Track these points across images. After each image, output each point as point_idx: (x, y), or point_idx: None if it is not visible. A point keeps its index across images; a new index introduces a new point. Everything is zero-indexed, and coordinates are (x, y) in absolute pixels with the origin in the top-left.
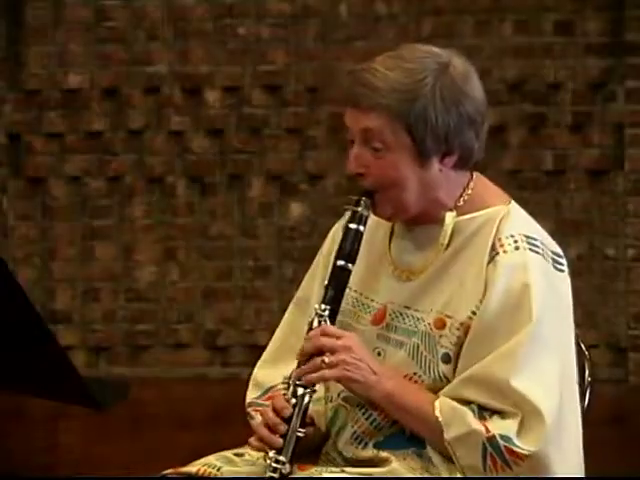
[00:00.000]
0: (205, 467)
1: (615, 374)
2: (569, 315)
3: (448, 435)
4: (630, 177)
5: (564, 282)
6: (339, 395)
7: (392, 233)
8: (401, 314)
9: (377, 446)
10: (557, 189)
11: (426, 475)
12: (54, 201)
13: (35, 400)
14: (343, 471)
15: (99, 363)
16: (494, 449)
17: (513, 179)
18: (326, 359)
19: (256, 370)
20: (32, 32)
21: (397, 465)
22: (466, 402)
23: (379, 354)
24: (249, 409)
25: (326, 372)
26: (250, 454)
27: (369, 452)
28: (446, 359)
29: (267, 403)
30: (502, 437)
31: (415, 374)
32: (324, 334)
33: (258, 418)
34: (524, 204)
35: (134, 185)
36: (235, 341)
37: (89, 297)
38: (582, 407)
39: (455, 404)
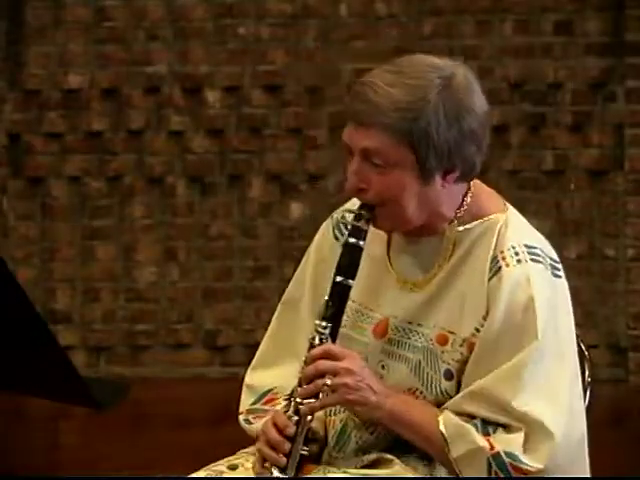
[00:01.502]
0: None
1: (615, 374)
2: (570, 322)
3: (455, 453)
4: (630, 177)
5: (563, 288)
6: (344, 410)
7: (389, 242)
8: (404, 329)
9: (382, 451)
10: (557, 189)
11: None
12: (54, 201)
13: (35, 400)
14: (345, 472)
15: (99, 363)
16: (499, 466)
17: (513, 179)
18: (328, 382)
19: (247, 377)
20: (32, 32)
21: (400, 468)
22: (469, 416)
23: (383, 367)
24: (249, 416)
25: (327, 399)
26: (244, 466)
27: (373, 456)
28: (448, 376)
29: (267, 407)
30: (507, 454)
31: (417, 390)
32: (326, 356)
33: (258, 425)
34: (524, 204)
35: (134, 185)
36: (235, 341)
37: (89, 297)
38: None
39: (459, 420)
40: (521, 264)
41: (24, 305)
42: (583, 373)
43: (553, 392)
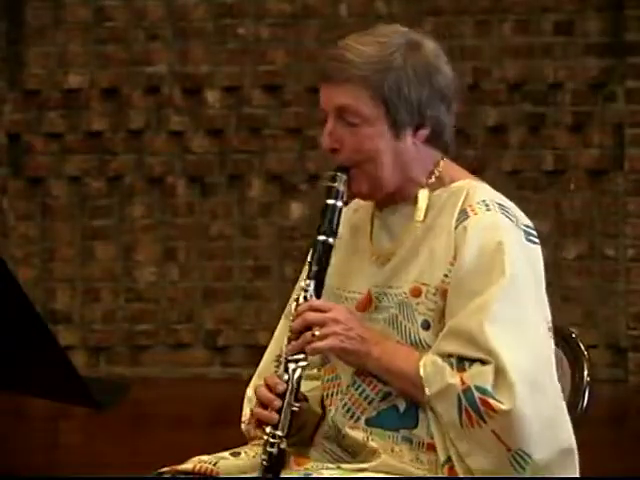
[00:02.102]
0: (201, 464)
1: (615, 374)
2: (541, 284)
3: (429, 391)
4: (630, 177)
5: (537, 252)
6: (332, 377)
7: (372, 232)
8: (385, 294)
9: (369, 423)
10: (557, 189)
11: (416, 463)
12: (54, 201)
13: (35, 400)
14: (340, 467)
15: (99, 363)
16: (469, 402)
17: (513, 179)
18: (317, 332)
19: (249, 389)
20: (32, 32)
21: (387, 458)
22: (448, 355)
23: None
24: (249, 424)
25: (318, 344)
26: (246, 452)
27: (360, 432)
28: (425, 325)
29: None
30: (477, 388)
31: (397, 343)
32: (312, 309)
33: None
34: (524, 204)
35: (134, 185)
36: (235, 341)
37: (89, 297)
38: (581, 407)
39: (437, 359)
40: (490, 212)
41: (24, 305)
42: (582, 373)
43: (520, 330)
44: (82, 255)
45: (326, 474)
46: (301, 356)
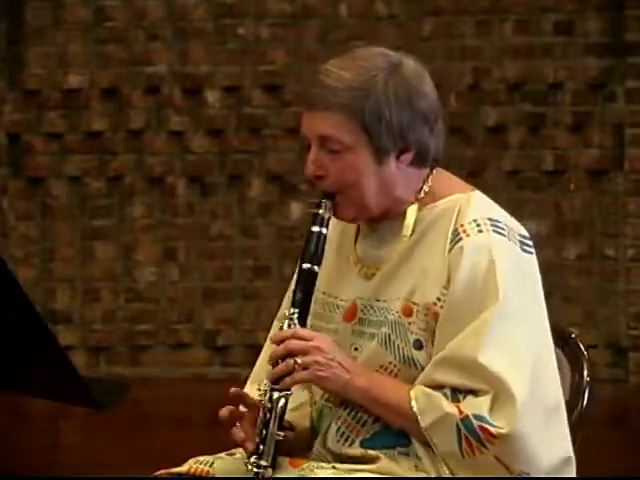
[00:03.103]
0: (196, 465)
1: (615, 374)
2: (538, 293)
3: (424, 422)
4: (630, 177)
5: (531, 262)
6: (322, 397)
7: (357, 234)
8: (371, 307)
9: (364, 444)
10: (557, 189)
11: (415, 470)
12: (54, 201)
13: (35, 400)
14: (334, 467)
15: (99, 363)
16: (468, 430)
17: (513, 179)
18: (299, 360)
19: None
20: (32, 32)
21: (386, 462)
22: (440, 386)
23: (356, 349)
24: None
25: (299, 374)
26: (242, 453)
27: (357, 450)
28: (418, 345)
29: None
30: (475, 417)
31: (390, 363)
32: (295, 337)
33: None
34: (524, 204)
35: (134, 185)
36: (235, 341)
37: (89, 297)
38: (581, 407)
39: (429, 391)
40: (482, 234)
41: (24, 305)
42: (582, 373)
43: (516, 354)
44: (82, 255)
45: (320, 474)
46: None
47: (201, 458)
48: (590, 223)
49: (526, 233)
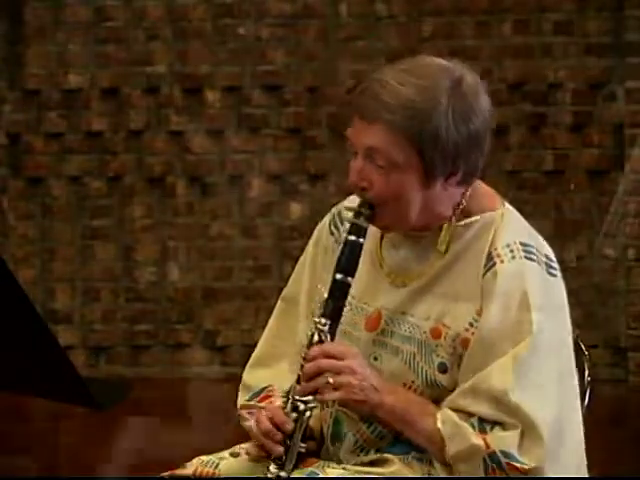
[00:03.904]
0: (202, 467)
1: (615, 374)
2: (566, 319)
3: (450, 451)
4: (630, 177)
5: (559, 286)
6: (335, 402)
7: (382, 238)
8: (397, 319)
9: (379, 452)
10: (557, 189)
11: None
12: (54, 201)
13: (35, 400)
14: (345, 468)
15: (99, 363)
16: (495, 464)
17: (513, 179)
18: (330, 380)
19: (245, 374)
20: (32, 32)
21: (400, 466)
22: (467, 414)
23: (375, 359)
24: (242, 411)
25: (331, 395)
26: (249, 453)
27: (372, 456)
28: (443, 368)
29: (262, 405)
30: (503, 453)
31: (413, 382)
32: (326, 355)
33: (252, 422)
34: (524, 204)
35: (134, 185)
36: (234, 341)
37: (89, 297)
38: (582, 407)
39: (456, 419)
40: (515, 260)
41: (24, 305)
42: (583, 373)
43: (546, 390)
44: (82, 255)
45: (331, 473)
46: (310, 397)
47: (205, 458)
48: (590, 223)
49: (551, 253)
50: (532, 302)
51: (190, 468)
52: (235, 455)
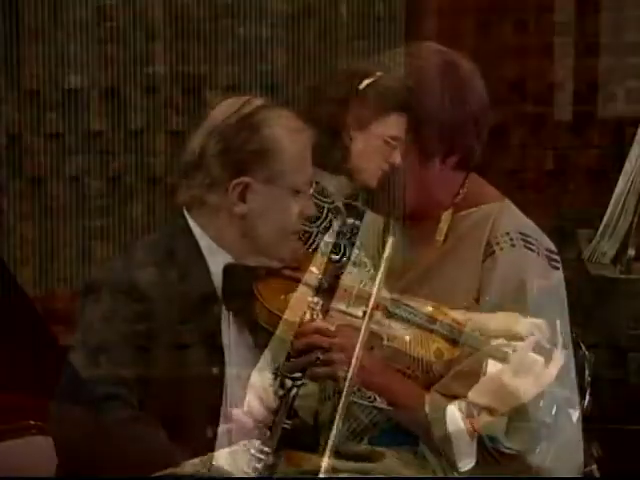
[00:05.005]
0: (196, 466)
1: (615, 374)
2: (564, 310)
3: (437, 433)
4: (630, 176)
5: (558, 279)
6: (334, 393)
7: (385, 227)
8: (395, 305)
9: (372, 441)
10: (557, 189)
11: (421, 471)
12: (54, 201)
13: (35, 400)
14: (336, 469)
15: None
16: (483, 448)
17: (513, 179)
18: (320, 356)
19: (252, 377)
20: (31, 32)
21: (391, 461)
22: (456, 397)
23: (372, 344)
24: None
25: (320, 370)
26: (244, 450)
27: (363, 447)
28: (438, 354)
29: None
30: (490, 438)
31: (408, 368)
32: (317, 331)
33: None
34: (524, 204)
35: (134, 185)
36: None
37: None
38: (582, 407)
39: (444, 401)
40: (515, 249)
41: (24, 305)
42: (583, 373)
43: (538, 377)
44: (82, 255)
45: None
46: (299, 374)
47: (200, 459)
48: (590, 223)
49: (552, 247)
50: (529, 290)
51: (186, 466)
52: (232, 453)
